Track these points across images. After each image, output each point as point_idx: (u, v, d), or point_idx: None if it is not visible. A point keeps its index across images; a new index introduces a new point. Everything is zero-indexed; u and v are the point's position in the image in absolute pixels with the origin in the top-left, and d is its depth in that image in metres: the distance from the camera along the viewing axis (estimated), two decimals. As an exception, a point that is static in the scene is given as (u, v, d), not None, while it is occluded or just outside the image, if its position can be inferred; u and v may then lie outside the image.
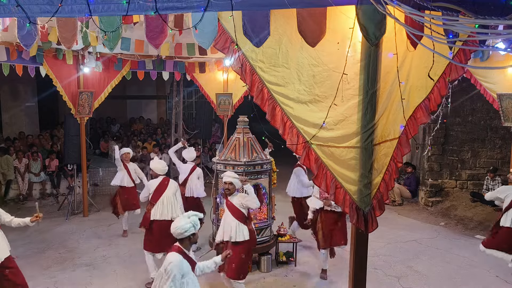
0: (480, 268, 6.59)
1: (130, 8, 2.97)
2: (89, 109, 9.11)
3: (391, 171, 3.49)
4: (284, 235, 6.73)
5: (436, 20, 2.65)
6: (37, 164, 10.66)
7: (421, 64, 3.61)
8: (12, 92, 12.87)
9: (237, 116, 6.77)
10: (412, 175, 10.66)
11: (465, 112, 10.17)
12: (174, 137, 12.84)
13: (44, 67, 8.10)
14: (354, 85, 3.16)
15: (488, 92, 7.49)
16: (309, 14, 3.10)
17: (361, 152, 3.24)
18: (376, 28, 2.97)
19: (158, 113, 17.38)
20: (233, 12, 3.02)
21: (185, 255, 3.76)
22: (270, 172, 6.52)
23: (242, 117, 6.56)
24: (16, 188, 10.42)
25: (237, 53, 3.28)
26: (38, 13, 3.05)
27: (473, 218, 9.00)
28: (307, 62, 3.26)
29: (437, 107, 3.81)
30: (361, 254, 3.47)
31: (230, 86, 10.56)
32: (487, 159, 10.20)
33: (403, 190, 10.49)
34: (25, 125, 13.17)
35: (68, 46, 4.01)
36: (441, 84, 3.82)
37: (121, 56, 8.72)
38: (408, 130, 3.62)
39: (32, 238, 7.92)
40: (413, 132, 3.67)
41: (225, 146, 6.78)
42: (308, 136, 3.33)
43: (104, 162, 12.77)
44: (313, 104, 3.32)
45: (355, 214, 3.33)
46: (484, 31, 2.42)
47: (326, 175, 3.37)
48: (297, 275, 6.31)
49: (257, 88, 3.35)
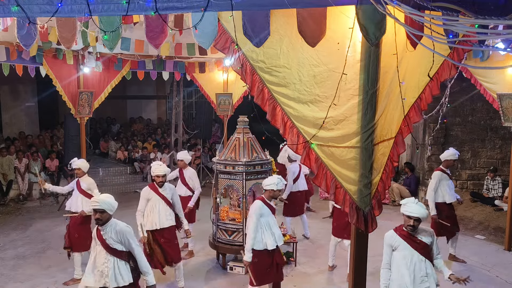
0: (480, 268, 6.59)
1: (130, 8, 2.97)
2: (89, 109, 9.11)
3: (388, 170, 3.50)
4: (284, 235, 6.73)
5: (436, 20, 2.65)
6: (37, 164, 10.66)
7: (415, 63, 3.62)
8: (12, 92, 12.87)
9: (237, 116, 6.76)
10: (412, 175, 10.67)
11: (465, 112, 10.17)
12: (174, 137, 12.85)
13: (44, 67, 8.10)
14: (354, 85, 3.16)
15: (488, 92, 7.49)
16: (309, 14, 3.10)
17: (361, 152, 3.24)
18: (376, 28, 2.97)
19: (158, 113, 17.39)
20: (233, 12, 3.03)
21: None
22: (270, 172, 6.52)
23: (242, 117, 6.56)
24: (16, 188, 10.42)
25: (237, 53, 3.28)
26: (38, 13, 3.05)
27: (473, 218, 9.00)
28: (308, 62, 3.26)
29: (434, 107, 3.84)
30: (361, 254, 3.47)
31: (230, 86, 10.56)
32: (487, 159, 10.20)
33: (402, 190, 10.48)
34: (25, 125, 13.17)
35: (67, 46, 4.00)
36: (433, 84, 3.85)
37: (121, 56, 8.73)
38: (403, 129, 3.64)
39: (32, 238, 7.92)
40: (407, 131, 3.69)
41: (225, 146, 6.78)
42: (308, 136, 3.33)
43: (104, 162, 12.79)
44: (313, 104, 3.32)
45: (355, 214, 3.33)
46: (484, 31, 2.42)
47: (326, 175, 3.37)
48: (297, 275, 6.31)
49: (258, 88, 3.36)
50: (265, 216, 4.96)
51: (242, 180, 6.13)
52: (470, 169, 10.27)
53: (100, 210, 4.02)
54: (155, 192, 5.57)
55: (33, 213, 9.67)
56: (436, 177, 6.63)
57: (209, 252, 6.91)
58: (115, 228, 4.05)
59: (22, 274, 6.36)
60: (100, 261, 4.06)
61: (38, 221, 9.01)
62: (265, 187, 4.99)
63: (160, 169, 5.54)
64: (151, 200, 5.56)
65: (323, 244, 7.45)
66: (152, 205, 5.55)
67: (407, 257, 3.97)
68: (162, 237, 5.53)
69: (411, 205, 3.94)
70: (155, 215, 5.51)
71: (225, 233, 6.36)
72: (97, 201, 4.03)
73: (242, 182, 6.14)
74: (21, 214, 9.57)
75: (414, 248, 3.97)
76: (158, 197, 5.56)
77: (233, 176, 6.22)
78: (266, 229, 4.94)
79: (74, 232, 6.04)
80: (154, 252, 5.49)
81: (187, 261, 6.69)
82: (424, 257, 3.98)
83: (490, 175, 9.69)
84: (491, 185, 9.69)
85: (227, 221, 6.45)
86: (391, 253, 4.08)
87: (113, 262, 4.03)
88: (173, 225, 5.66)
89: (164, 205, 5.58)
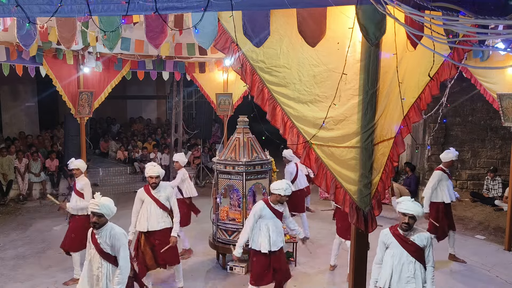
0: (480, 268, 6.59)
1: (130, 8, 2.97)
2: (89, 109, 9.10)
3: (388, 170, 3.50)
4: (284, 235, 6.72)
5: (436, 20, 2.65)
6: (37, 164, 10.66)
7: (415, 63, 3.62)
8: (12, 92, 12.87)
9: (237, 116, 6.76)
10: (412, 175, 10.66)
11: (465, 112, 10.17)
12: (174, 137, 12.84)
13: (44, 67, 8.09)
14: (354, 85, 3.16)
15: (488, 92, 7.49)
16: (309, 14, 3.10)
17: (361, 152, 3.24)
18: (376, 28, 2.97)
19: (158, 113, 17.40)
20: (233, 12, 3.02)
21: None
22: (270, 172, 6.53)
23: (242, 117, 6.56)
24: (16, 188, 10.42)
25: (237, 53, 3.28)
26: (37, 13, 3.05)
27: (473, 218, 9.00)
28: (308, 62, 3.26)
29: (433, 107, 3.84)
30: (361, 254, 3.47)
31: (230, 86, 10.56)
32: (487, 159, 10.20)
33: (402, 190, 10.47)
34: (25, 125, 13.17)
35: (67, 46, 4.00)
36: (433, 84, 3.85)
37: (121, 56, 8.72)
38: (402, 129, 3.65)
39: (32, 238, 7.92)
40: (407, 131, 3.70)
41: (225, 146, 6.78)
42: (308, 136, 3.33)
43: (104, 162, 12.79)
44: (313, 104, 3.32)
45: (355, 214, 3.33)
46: (484, 31, 2.42)
47: (326, 175, 3.37)
48: (297, 275, 6.31)
49: (258, 88, 3.36)
50: (266, 218, 4.93)
51: (242, 180, 6.13)
52: (470, 169, 10.27)
53: (98, 214, 3.86)
54: (147, 194, 5.40)
55: (33, 213, 9.67)
56: (436, 177, 6.64)
57: (209, 252, 6.91)
58: (111, 232, 3.93)
59: (22, 274, 6.36)
60: (95, 265, 3.98)
61: (38, 221, 9.01)
62: (273, 191, 4.92)
63: (154, 170, 5.34)
64: (144, 202, 5.40)
65: (323, 244, 7.46)
66: (144, 207, 5.37)
67: (395, 256, 4.00)
68: (155, 239, 5.36)
69: (407, 202, 3.99)
70: (147, 217, 5.33)
71: (225, 233, 6.36)
72: (97, 205, 3.86)
73: (242, 182, 6.14)
74: (21, 214, 9.56)
75: (404, 248, 3.99)
76: (151, 199, 5.37)
77: (233, 176, 6.22)
78: (263, 231, 4.89)
79: (71, 232, 5.95)
80: (143, 254, 5.33)
81: (186, 261, 6.69)
82: (414, 259, 3.97)
83: (490, 175, 9.69)
84: (491, 185, 9.70)
85: (227, 221, 6.46)
86: (384, 250, 4.12)
87: (106, 268, 3.92)
88: (168, 228, 5.44)
89: (157, 207, 5.36)
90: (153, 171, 5.35)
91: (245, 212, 6.20)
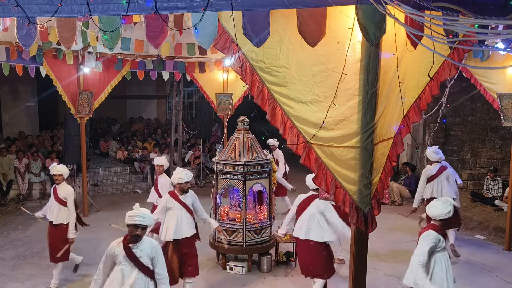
0: (480, 268, 6.59)
1: (130, 8, 2.97)
2: (89, 109, 9.11)
3: (387, 170, 3.51)
4: (284, 235, 6.72)
5: (436, 20, 2.65)
6: (37, 164, 10.66)
7: (415, 63, 3.63)
8: (12, 92, 12.86)
9: (237, 116, 6.76)
10: (412, 175, 10.66)
11: (465, 112, 10.17)
12: (174, 137, 12.84)
13: (44, 67, 8.10)
14: (354, 85, 3.16)
15: (488, 92, 7.49)
16: (309, 14, 3.10)
17: (361, 152, 3.24)
18: (376, 28, 2.97)
19: (158, 113, 17.39)
20: (233, 12, 3.03)
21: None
22: (270, 172, 6.52)
23: (242, 117, 6.56)
24: (16, 188, 10.41)
25: (237, 53, 3.28)
26: (38, 13, 3.06)
27: (473, 218, 9.00)
28: (308, 62, 3.26)
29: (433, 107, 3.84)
30: (361, 254, 3.47)
31: (230, 86, 10.56)
32: (487, 159, 10.20)
33: (402, 190, 10.48)
34: (25, 125, 13.17)
35: (67, 46, 4.00)
36: (433, 84, 3.85)
37: (121, 56, 8.72)
38: (402, 129, 3.65)
39: (32, 238, 7.92)
40: (407, 131, 3.70)
41: (225, 146, 6.78)
42: (308, 136, 3.34)
43: (104, 162, 12.78)
44: (313, 104, 3.32)
45: (355, 214, 3.33)
46: (484, 31, 2.42)
47: (326, 175, 3.37)
48: (297, 275, 6.29)
49: (258, 88, 3.36)
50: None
51: (242, 180, 6.13)
52: (470, 169, 10.27)
53: (143, 226, 3.53)
54: (176, 200, 5.25)
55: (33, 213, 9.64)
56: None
57: (209, 252, 6.91)
58: (151, 244, 3.64)
59: (22, 274, 6.36)
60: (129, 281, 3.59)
61: (38, 221, 8.98)
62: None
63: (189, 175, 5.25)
64: (172, 209, 5.23)
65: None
66: (173, 214, 5.21)
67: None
68: (184, 247, 5.24)
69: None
70: (177, 225, 5.18)
71: (225, 233, 6.36)
72: (142, 216, 3.50)
73: (242, 182, 6.14)
74: (21, 214, 9.53)
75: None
76: (180, 205, 5.23)
77: (233, 176, 6.22)
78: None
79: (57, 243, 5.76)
80: (170, 263, 5.06)
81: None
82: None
83: (490, 175, 9.69)
84: (491, 185, 9.70)
85: (227, 221, 6.45)
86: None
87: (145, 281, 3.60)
88: (195, 234, 5.36)
89: (186, 213, 5.26)
90: (189, 176, 5.27)
91: (245, 212, 6.21)
